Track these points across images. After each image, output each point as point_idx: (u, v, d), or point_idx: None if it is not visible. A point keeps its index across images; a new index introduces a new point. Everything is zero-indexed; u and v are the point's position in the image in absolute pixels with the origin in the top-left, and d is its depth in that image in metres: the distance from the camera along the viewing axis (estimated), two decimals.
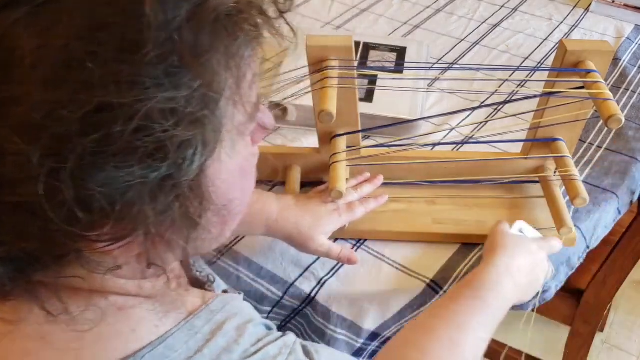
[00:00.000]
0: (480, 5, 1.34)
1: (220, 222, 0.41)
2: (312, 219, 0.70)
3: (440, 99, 1.03)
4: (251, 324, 0.46)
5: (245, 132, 0.38)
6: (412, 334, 0.58)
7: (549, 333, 1.59)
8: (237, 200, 0.41)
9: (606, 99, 0.65)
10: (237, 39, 0.34)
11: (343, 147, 0.76)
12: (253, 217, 0.69)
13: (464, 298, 0.60)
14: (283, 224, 0.69)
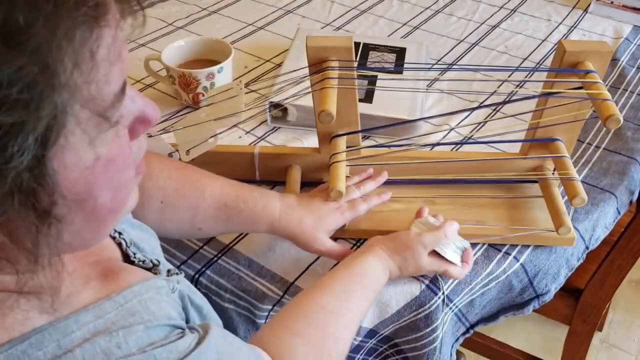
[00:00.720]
0: (479, 6, 1.34)
1: (87, 218, 0.38)
2: (315, 218, 0.70)
3: (439, 100, 1.03)
4: (145, 325, 0.43)
5: (108, 122, 0.35)
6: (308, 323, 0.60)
7: (547, 332, 1.59)
8: (106, 196, 0.38)
9: (605, 99, 0.65)
10: (73, 19, 0.31)
11: (343, 147, 0.76)
12: (256, 216, 0.69)
13: (357, 298, 0.64)
14: (286, 222, 0.69)
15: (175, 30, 1.23)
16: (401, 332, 0.74)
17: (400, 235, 0.69)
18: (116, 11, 0.34)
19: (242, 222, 0.70)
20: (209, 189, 0.69)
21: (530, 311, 0.80)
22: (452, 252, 0.69)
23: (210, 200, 0.68)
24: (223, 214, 0.69)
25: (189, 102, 0.98)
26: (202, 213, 0.69)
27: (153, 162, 0.68)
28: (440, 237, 0.68)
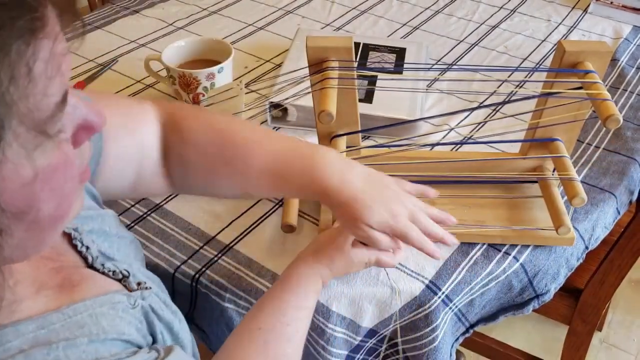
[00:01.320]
0: (479, 7, 1.34)
1: (29, 229, 0.37)
2: (365, 210, 0.60)
3: (439, 100, 1.03)
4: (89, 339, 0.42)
5: (47, 135, 0.35)
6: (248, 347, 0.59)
7: (547, 332, 1.60)
8: (49, 207, 0.37)
9: (604, 99, 0.66)
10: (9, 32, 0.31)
11: (343, 147, 0.77)
12: (304, 187, 0.62)
13: (292, 309, 0.62)
14: (335, 201, 0.61)
15: (175, 31, 1.24)
16: (401, 332, 0.74)
17: (321, 236, 0.67)
18: (55, 23, 0.34)
19: (292, 191, 0.66)
20: (256, 153, 0.62)
21: (530, 311, 0.80)
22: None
23: (258, 168, 0.62)
24: (272, 182, 0.63)
25: (190, 102, 0.98)
26: (253, 181, 0.63)
27: (194, 125, 0.63)
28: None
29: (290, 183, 0.63)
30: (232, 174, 0.64)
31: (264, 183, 0.63)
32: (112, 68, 1.11)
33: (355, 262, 0.66)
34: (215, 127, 0.64)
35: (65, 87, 0.35)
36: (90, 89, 0.60)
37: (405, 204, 0.63)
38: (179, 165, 0.64)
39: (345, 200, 0.60)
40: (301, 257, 0.67)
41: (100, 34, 1.22)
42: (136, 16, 1.29)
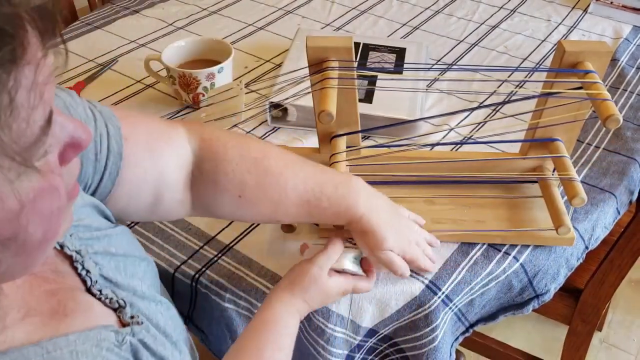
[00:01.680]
0: (479, 7, 1.34)
1: (17, 253, 0.37)
2: (389, 235, 0.65)
3: (439, 100, 1.03)
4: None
5: (33, 159, 0.34)
6: None
7: (547, 332, 1.60)
8: (37, 230, 0.37)
9: (604, 99, 0.66)
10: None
11: (343, 147, 0.77)
12: (337, 215, 0.65)
13: (270, 351, 0.61)
14: (364, 224, 0.65)
15: (175, 31, 1.24)
16: (401, 332, 0.74)
17: (294, 269, 0.66)
18: (37, 48, 0.33)
19: (323, 218, 0.67)
20: (291, 183, 0.64)
21: (530, 311, 0.80)
22: (351, 263, 0.67)
23: (292, 197, 0.64)
24: (305, 210, 0.65)
25: (189, 102, 0.98)
26: (284, 209, 0.65)
27: (229, 157, 0.63)
28: (331, 251, 0.65)
29: (324, 211, 0.65)
30: (266, 203, 0.64)
31: (298, 211, 0.65)
32: (112, 68, 1.11)
33: (332, 293, 0.66)
34: (251, 155, 0.64)
35: (50, 109, 0.35)
36: (119, 107, 0.60)
37: (416, 231, 0.72)
38: (212, 193, 0.63)
39: (373, 228, 0.65)
40: (276, 293, 0.65)
41: (100, 34, 1.22)
42: (136, 16, 1.29)
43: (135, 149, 0.59)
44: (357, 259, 0.68)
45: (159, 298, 0.56)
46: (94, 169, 0.56)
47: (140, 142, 0.60)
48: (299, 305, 0.65)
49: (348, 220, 0.66)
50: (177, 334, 0.55)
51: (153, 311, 0.54)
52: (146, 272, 0.58)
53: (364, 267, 0.69)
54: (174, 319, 0.57)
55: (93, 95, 1.03)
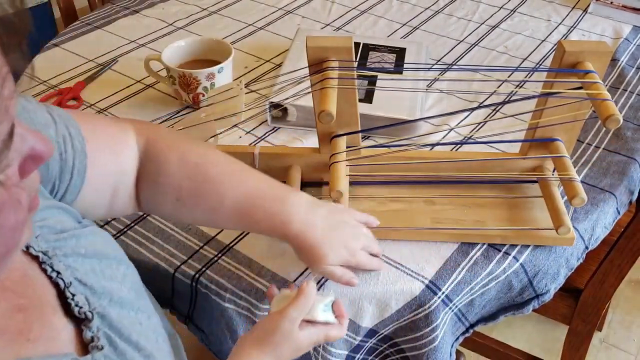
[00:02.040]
0: (479, 7, 1.34)
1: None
2: (327, 252, 0.66)
3: (439, 100, 1.03)
4: None
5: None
6: None
7: (547, 332, 1.60)
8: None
9: (604, 99, 0.66)
10: None
11: (343, 147, 0.77)
12: (272, 228, 0.66)
13: None
14: (300, 240, 0.66)
15: (175, 31, 1.24)
16: (401, 332, 0.74)
17: (264, 323, 0.63)
18: (3, 63, 0.33)
19: (258, 230, 0.68)
20: (229, 193, 0.65)
21: (530, 311, 0.80)
22: (323, 312, 0.64)
23: (229, 207, 0.65)
24: (241, 221, 0.66)
25: (189, 102, 0.98)
26: (220, 217, 0.66)
27: (170, 159, 0.64)
28: (302, 302, 0.61)
29: (259, 223, 0.66)
30: (203, 208, 0.65)
31: (233, 219, 0.66)
32: (112, 68, 1.11)
33: (304, 346, 0.63)
34: (192, 160, 0.65)
35: (12, 122, 0.34)
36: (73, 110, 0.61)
37: (360, 238, 0.70)
38: (152, 192, 0.65)
39: (309, 245, 0.66)
40: (244, 348, 0.62)
41: (100, 34, 1.22)
42: (136, 16, 1.29)
43: (96, 147, 0.60)
44: (328, 306, 0.65)
45: (139, 304, 0.55)
46: (60, 168, 0.57)
47: (100, 141, 0.61)
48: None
49: (283, 236, 0.66)
50: (157, 345, 0.54)
51: (129, 321, 0.52)
52: (126, 275, 0.56)
53: (336, 312, 0.65)
54: (155, 329, 0.55)
55: (93, 95, 1.03)
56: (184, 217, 0.68)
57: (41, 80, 1.07)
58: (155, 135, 0.66)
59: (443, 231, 0.77)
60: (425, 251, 0.76)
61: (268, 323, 0.62)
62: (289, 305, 0.61)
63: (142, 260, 0.75)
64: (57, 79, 1.08)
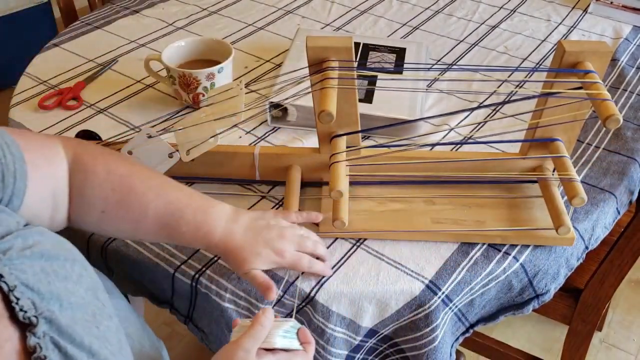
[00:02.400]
0: (479, 7, 1.34)
1: None
2: (249, 255, 0.68)
3: (439, 100, 1.03)
4: None
5: None
6: None
7: (547, 332, 1.60)
8: None
9: (604, 99, 0.66)
10: None
11: (343, 147, 0.77)
12: (196, 240, 0.68)
13: None
14: (221, 248, 0.68)
15: (175, 31, 1.24)
16: (401, 332, 0.74)
17: (220, 353, 0.60)
18: None
19: (182, 241, 0.70)
20: (152, 204, 0.67)
21: (530, 311, 0.80)
22: (282, 338, 0.62)
23: (152, 218, 0.67)
24: (165, 232, 0.68)
25: (189, 102, 0.98)
26: (144, 228, 0.68)
27: (97, 171, 0.66)
28: (257, 330, 0.60)
29: (182, 235, 0.68)
30: (127, 219, 0.67)
31: (157, 232, 0.68)
32: (112, 68, 1.11)
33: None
34: (118, 172, 0.67)
35: None
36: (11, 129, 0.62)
37: (289, 238, 0.70)
38: (79, 204, 0.66)
39: (230, 251, 0.68)
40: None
41: (100, 34, 1.22)
42: (136, 16, 1.29)
43: (32, 155, 0.61)
44: (290, 332, 0.63)
45: (96, 305, 0.54)
46: (2, 173, 0.57)
47: (33, 149, 0.62)
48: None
49: (205, 246, 0.69)
50: (115, 349, 0.53)
51: (83, 325, 0.51)
52: (82, 275, 0.55)
53: (301, 339, 0.63)
54: (116, 332, 0.54)
55: (93, 95, 1.03)
56: (109, 229, 0.69)
57: (41, 80, 1.07)
58: (81, 149, 0.67)
59: (443, 231, 0.77)
60: (425, 251, 0.76)
61: (224, 354, 0.59)
62: (243, 334, 0.60)
63: (142, 260, 0.75)
64: (57, 79, 1.08)
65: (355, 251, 0.76)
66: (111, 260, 0.78)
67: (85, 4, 1.54)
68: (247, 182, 0.85)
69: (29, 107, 1.01)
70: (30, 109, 1.00)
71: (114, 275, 0.81)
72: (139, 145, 0.78)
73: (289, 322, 0.63)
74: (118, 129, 0.95)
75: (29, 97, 1.03)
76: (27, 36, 2.34)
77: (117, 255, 0.77)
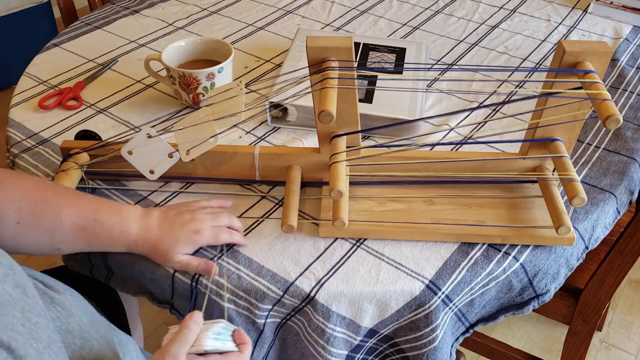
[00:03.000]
0: (479, 7, 1.34)
1: None
2: (170, 242, 0.71)
3: (439, 100, 1.03)
4: None
5: None
6: None
7: (547, 332, 1.60)
8: None
9: (604, 99, 0.66)
10: None
11: (343, 147, 0.77)
12: (114, 240, 0.70)
13: None
14: (142, 245, 0.71)
15: (175, 31, 1.24)
16: (401, 332, 0.74)
17: (153, 357, 0.59)
18: None
19: (100, 244, 0.71)
20: (66, 210, 0.68)
21: (530, 311, 0.80)
22: (214, 340, 0.60)
23: (67, 224, 0.68)
24: (81, 237, 0.69)
25: (190, 102, 0.98)
26: (61, 235, 0.69)
27: (6, 182, 0.67)
28: (184, 335, 0.59)
29: (99, 237, 0.70)
30: (42, 229, 0.68)
31: (74, 238, 0.69)
32: (112, 68, 1.11)
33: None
34: (27, 184, 0.69)
35: None
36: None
37: (203, 217, 0.74)
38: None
39: (152, 245, 0.71)
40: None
41: (100, 34, 1.22)
42: (136, 16, 1.29)
43: None
44: (222, 334, 0.62)
45: (25, 302, 0.53)
46: None
47: None
48: None
49: (125, 246, 0.71)
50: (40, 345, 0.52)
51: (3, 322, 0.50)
52: (7, 275, 0.54)
53: (237, 340, 0.63)
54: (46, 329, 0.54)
55: (93, 95, 1.03)
56: (25, 241, 0.69)
57: (41, 80, 1.07)
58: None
59: (443, 231, 0.77)
60: (425, 251, 0.76)
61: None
62: (170, 340, 0.59)
63: (142, 260, 0.75)
64: (57, 79, 1.08)
65: (355, 251, 0.76)
66: (111, 260, 0.78)
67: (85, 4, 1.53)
68: (247, 182, 0.85)
69: (29, 107, 1.01)
70: (30, 109, 1.01)
71: (114, 275, 0.81)
72: (139, 145, 0.78)
73: (219, 324, 0.62)
74: (118, 129, 0.95)
75: (29, 97, 1.03)
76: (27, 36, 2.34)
77: (117, 255, 0.77)
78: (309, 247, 0.76)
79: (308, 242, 0.77)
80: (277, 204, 0.83)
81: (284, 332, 0.76)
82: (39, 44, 1.21)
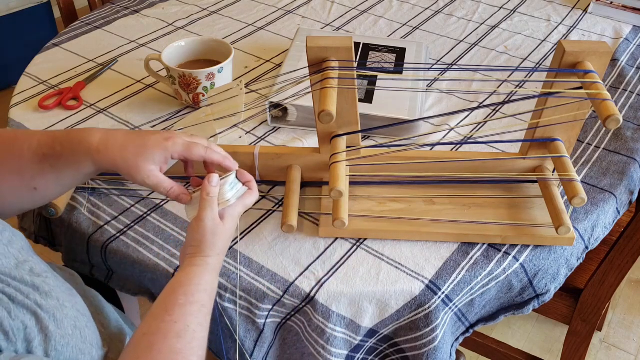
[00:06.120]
0: (479, 7, 1.34)
1: None
2: (137, 147, 0.64)
3: (439, 100, 1.03)
4: None
5: None
6: (132, 355, 0.57)
7: (547, 332, 1.60)
8: None
9: (604, 99, 0.66)
10: None
11: (343, 147, 0.77)
12: (75, 152, 0.64)
13: (179, 306, 0.60)
14: (105, 151, 0.64)
15: (175, 31, 1.24)
16: (401, 332, 0.74)
17: (191, 234, 0.65)
18: None
19: (66, 164, 0.66)
20: (25, 145, 0.65)
21: (530, 311, 0.80)
22: (231, 191, 0.67)
23: (29, 156, 0.65)
24: (47, 164, 0.65)
25: (190, 102, 0.98)
26: (29, 171, 0.66)
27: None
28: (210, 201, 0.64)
29: (61, 155, 0.65)
30: (10, 173, 0.66)
31: (41, 168, 0.66)
32: (112, 68, 1.11)
33: (233, 228, 0.66)
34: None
35: None
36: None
37: (172, 133, 0.67)
38: None
39: (117, 151, 0.64)
40: (187, 259, 0.65)
41: (100, 34, 1.22)
42: (136, 16, 1.29)
43: None
44: (234, 182, 0.67)
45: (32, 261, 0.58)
46: None
47: None
48: (213, 262, 0.64)
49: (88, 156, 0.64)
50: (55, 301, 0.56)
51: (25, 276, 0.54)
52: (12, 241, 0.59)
53: (242, 179, 0.68)
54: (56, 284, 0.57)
55: (93, 95, 1.03)
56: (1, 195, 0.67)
57: (41, 80, 1.07)
58: None
59: (443, 231, 0.77)
60: (425, 251, 0.76)
61: (195, 230, 0.64)
62: (201, 208, 0.64)
63: (142, 260, 0.75)
64: (57, 79, 1.08)
65: (355, 251, 0.76)
66: (111, 260, 0.78)
67: (85, 4, 1.53)
68: None
69: (29, 107, 1.01)
70: (30, 109, 1.01)
71: (114, 275, 0.81)
72: None
73: (229, 176, 0.67)
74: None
75: (29, 97, 1.03)
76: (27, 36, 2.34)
77: (117, 255, 0.77)
78: (309, 247, 0.76)
79: (308, 242, 0.77)
80: (277, 204, 0.83)
81: (284, 332, 0.76)
82: (39, 44, 1.21)
